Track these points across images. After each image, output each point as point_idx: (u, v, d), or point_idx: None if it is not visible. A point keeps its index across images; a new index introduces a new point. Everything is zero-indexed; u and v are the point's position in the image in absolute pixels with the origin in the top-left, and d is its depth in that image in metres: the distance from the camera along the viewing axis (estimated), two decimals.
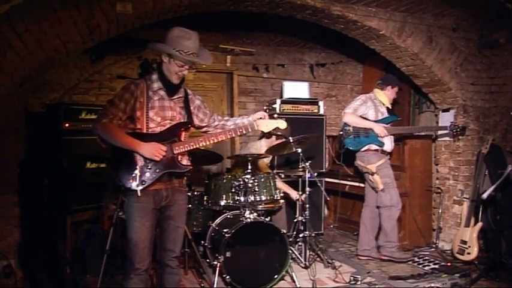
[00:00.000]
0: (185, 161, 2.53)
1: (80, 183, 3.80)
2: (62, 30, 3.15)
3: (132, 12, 3.32)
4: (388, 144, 4.18)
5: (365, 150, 4.16)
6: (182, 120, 2.53)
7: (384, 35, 4.25)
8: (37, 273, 3.29)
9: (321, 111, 5.11)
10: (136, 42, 4.85)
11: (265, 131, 2.67)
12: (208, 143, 2.53)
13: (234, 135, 2.63)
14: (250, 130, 2.63)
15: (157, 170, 2.38)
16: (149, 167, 2.37)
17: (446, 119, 4.70)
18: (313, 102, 5.11)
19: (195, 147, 2.48)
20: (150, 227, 2.43)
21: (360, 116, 4.16)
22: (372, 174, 4.12)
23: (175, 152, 2.44)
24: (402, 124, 5.17)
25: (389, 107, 4.34)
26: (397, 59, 4.61)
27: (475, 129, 4.62)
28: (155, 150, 2.34)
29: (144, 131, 2.40)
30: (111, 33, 3.54)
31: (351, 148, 4.22)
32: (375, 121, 4.16)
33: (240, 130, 2.61)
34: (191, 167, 2.54)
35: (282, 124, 2.67)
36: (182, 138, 2.51)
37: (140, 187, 2.33)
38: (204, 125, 2.72)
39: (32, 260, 3.36)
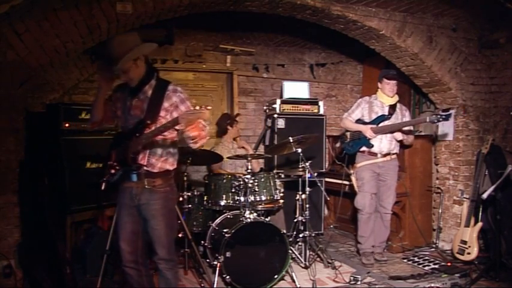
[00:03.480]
0: (151, 160, 2.50)
1: (80, 183, 3.79)
2: (62, 30, 3.15)
3: (132, 12, 3.32)
4: (377, 145, 4.04)
5: (357, 152, 4.21)
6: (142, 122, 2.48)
7: (383, 35, 4.25)
8: (37, 273, 3.29)
9: (321, 111, 5.11)
10: None
11: (186, 125, 2.29)
12: (157, 132, 2.42)
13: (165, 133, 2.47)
14: (173, 126, 2.38)
15: (118, 168, 2.50)
16: (116, 166, 2.51)
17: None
18: (313, 102, 5.11)
19: (144, 142, 2.42)
20: (128, 222, 2.54)
21: (358, 119, 4.15)
22: (349, 175, 4.24)
23: (130, 150, 2.45)
24: None
25: (388, 103, 4.09)
26: (397, 59, 4.61)
27: (475, 129, 4.62)
28: None
29: (119, 129, 2.64)
30: (111, 33, 3.54)
31: (348, 153, 4.27)
32: (368, 123, 4.10)
33: (168, 125, 2.37)
34: (144, 165, 2.46)
35: (204, 114, 2.20)
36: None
37: (105, 183, 2.50)
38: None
39: (32, 260, 3.35)
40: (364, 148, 4.12)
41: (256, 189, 3.75)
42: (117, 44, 2.43)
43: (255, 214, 3.57)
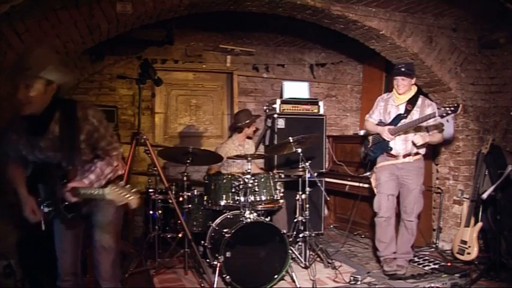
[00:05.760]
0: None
1: None
2: (62, 30, 3.15)
3: (132, 12, 3.33)
4: (395, 147, 3.75)
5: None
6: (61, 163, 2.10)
7: (383, 35, 4.25)
8: (37, 273, 3.29)
9: (321, 111, 5.11)
10: (136, 42, 4.86)
11: (117, 202, 1.98)
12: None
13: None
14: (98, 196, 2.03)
15: (51, 210, 2.20)
16: (48, 206, 2.20)
17: (446, 118, 4.70)
18: (313, 102, 5.11)
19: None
20: (70, 229, 2.34)
21: (380, 121, 3.89)
22: (369, 177, 4.09)
23: (58, 195, 2.11)
24: None
25: (398, 102, 3.77)
26: (397, 59, 4.61)
27: (475, 129, 4.62)
28: (28, 213, 2.15)
29: (40, 167, 2.17)
30: (111, 33, 3.55)
31: (371, 158, 3.98)
32: (388, 124, 3.79)
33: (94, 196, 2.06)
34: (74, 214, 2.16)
35: (134, 201, 1.97)
36: (74, 176, 2.12)
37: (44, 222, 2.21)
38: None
39: (32, 260, 3.35)
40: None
41: (256, 189, 3.74)
42: (38, 54, 2.01)
43: (255, 214, 3.57)
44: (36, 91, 1.96)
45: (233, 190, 3.74)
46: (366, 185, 4.45)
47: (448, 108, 3.37)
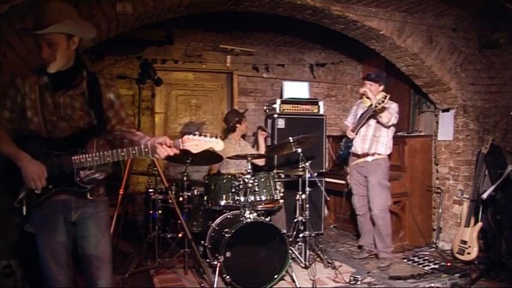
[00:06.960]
0: (89, 177, 2.06)
1: None
2: None
3: (132, 12, 3.33)
4: (355, 145, 4.17)
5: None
6: (85, 122, 2.04)
7: (383, 35, 4.25)
8: (37, 273, 3.28)
9: (321, 111, 5.11)
10: (137, 42, 4.86)
11: (194, 151, 2.05)
12: (116, 159, 1.98)
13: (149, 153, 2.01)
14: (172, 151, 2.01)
15: (50, 186, 1.98)
16: (49, 186, 1.98)
17: (446, 119, 4.71)
18: (313, 102, 5.11)
19: (98, 162, 1.98)
20: (63, 242, 2.15)
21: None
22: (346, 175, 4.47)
23: (74, 166, 1.97)
24: (402, 125, 5.18)
25: (365, 105, 4.11)
26: (397, 59, 4.61)
27: (475, 129, 4.62)
28: (34, 176, 1.90)
29: (44, 135, 1.98)
30: (111, 33, 3.54)
31: (341, 157, 4.41)
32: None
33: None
34: (92, 186, 2.04)
35: (218, 145, 2.08)
36: (90, 148, 2.04)
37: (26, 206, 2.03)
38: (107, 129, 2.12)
39: (32, 260, 3.35)
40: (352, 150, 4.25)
41: (256, 189, 3.74)
42: (55, 8, 1.93)
43: (255, 214, 3.57)
44: (59, 47, 1.95)
45: (233, 190, 3.74)
46: None
47: (380, 99, 3.81)
